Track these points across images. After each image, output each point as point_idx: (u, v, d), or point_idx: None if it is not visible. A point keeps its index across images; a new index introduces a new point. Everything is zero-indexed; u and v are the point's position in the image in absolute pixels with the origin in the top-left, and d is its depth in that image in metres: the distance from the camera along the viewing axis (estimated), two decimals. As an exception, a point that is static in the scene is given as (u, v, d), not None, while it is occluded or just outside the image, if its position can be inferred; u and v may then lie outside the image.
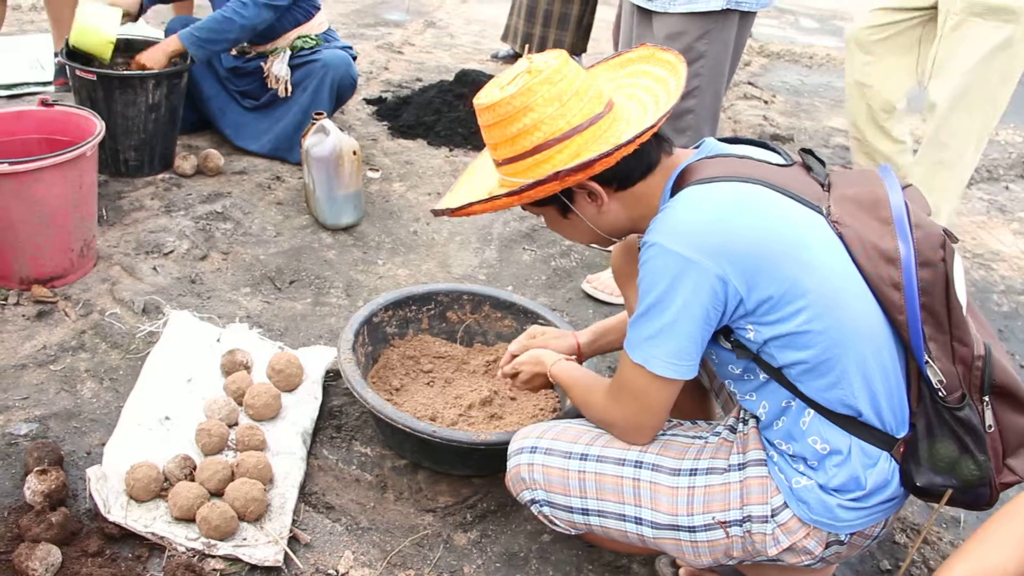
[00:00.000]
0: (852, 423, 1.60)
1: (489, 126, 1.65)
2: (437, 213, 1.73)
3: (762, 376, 1.65)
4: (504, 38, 6.10)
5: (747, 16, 2.93)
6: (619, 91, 1.79)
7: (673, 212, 1.59)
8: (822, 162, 1.73)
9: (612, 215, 1.72)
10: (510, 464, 1.87)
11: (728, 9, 2.80)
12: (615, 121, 1.65)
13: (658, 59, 1.80)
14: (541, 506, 1.84)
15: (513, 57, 6.11)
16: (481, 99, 1.65)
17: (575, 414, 2.12)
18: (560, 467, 1.79)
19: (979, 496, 1.60)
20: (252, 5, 3.71)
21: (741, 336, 1.62)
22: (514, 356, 2.17)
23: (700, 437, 1.80)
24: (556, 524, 1.86)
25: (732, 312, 1.57)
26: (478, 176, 1.85)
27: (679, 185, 1.65)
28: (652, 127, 1.57)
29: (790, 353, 1.58)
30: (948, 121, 3.38)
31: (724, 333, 1.65)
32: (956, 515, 2.44)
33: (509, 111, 1.60)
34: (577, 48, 5.90)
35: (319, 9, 4.15)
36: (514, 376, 2.17)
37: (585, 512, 1.79)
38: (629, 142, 1.56)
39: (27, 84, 4.56)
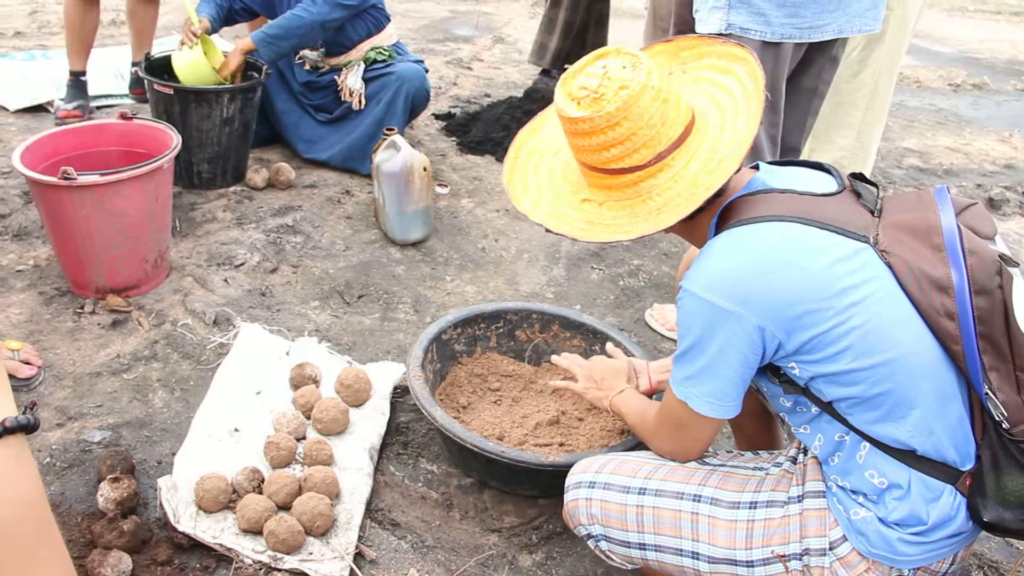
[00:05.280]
0: (909, 456, 1.54)
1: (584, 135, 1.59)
2: (559, 232, 1.68)
3: (814, 409, 1.62)
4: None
5: (775, 47, 2.58)
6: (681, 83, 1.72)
7: (707, 258, 1.56)
8: (875, 185, 1.66)
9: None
10: (568, 497, 1.86)
11: (731, 34, 2.56)
12: (699, 131, 1.63)
13: (721, 53, 1.72)
14: (598, 541, 1.82)
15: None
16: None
17: (636, 442, 2.12)
18: (618, 502, 1.77)
19: None
20: (322, 2, 3.76)
21: (788, 372, 1.59)
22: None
23: (761, 469, 1.77)
24: (612, 559, 1.84)
25: (773, 353, 1.55)
26: (552, 184, 1.79)
27: (722, 222, 1.62)
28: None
29: (837, 389, 1.54)
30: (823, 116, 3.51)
31: (772, 369, 1.62)
32: (1039, 553, 2.35)
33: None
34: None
35: (389, 20, 4.19)
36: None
37: (642, 547, 1.77)
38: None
39: (108, 96, 4.68)
